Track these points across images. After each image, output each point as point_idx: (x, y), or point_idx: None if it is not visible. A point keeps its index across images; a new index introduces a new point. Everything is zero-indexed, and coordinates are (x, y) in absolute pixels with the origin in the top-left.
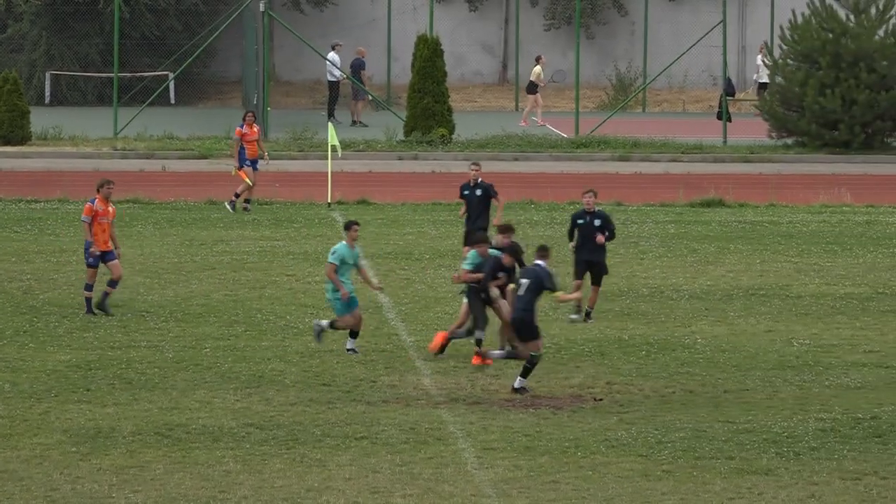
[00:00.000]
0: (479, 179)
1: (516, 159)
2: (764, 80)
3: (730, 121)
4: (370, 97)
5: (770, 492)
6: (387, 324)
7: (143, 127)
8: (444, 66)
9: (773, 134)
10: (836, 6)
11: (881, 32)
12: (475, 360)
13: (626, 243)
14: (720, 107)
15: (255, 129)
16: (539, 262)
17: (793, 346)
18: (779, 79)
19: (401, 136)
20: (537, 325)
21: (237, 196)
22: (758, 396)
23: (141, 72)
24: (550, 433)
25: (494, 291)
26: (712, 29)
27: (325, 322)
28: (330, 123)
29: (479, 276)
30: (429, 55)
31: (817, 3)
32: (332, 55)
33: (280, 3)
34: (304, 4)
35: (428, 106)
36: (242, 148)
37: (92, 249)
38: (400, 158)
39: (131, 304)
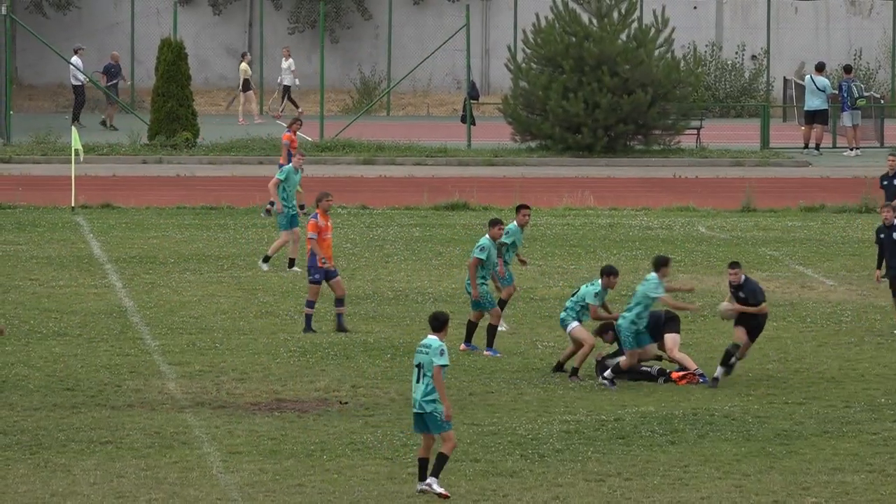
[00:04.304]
0: None
1: (261, 163)
2: (288, 83)
3: (474, 124)
4: (115, 101)
5: (515, 493)
6: (131, 328)
7: None
8: (189, 70)
9: (517, 137)
10: (579, 10)
11: (623, 36)
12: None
13: (370, 247)
14: (464, 110)
15: None
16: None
17: (537, 348)
18: (522, 83)
19: (145, 140)
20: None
21: None
22: (503, 399)
23: None
24: (296, 436)
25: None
26: (456, 33)
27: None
28: (73, 127)
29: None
30: (173, 59)
31: (560, 8)
32: (74, 59)
33: (22, 6)
34: (46, 8)
35: (172, 110)
36: None
37: (328, 265)
38: (144, 162)
39: None
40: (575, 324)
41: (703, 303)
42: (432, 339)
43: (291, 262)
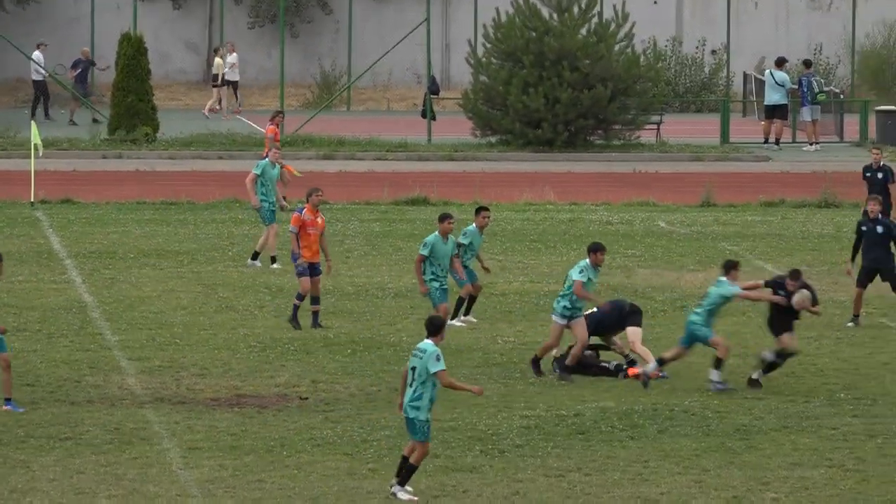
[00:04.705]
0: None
1: (221, 158)
2: (231, 78)
3: (434, 119)
4: (75, 96)
5: (475, 489)
6: (91, 323)
7: None
8: (148, 65)
9: (478, 132)
10: (539, 5)
11: (584, 31)
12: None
13: (331, 242)
14: (424, 105)
15: None
16: None
17: (497, 343)
18: (483, 78)
19: (105, 135)
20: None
21: None
22: (462, 394)
23: None
24: (256, 432)
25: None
26: (416, 27)
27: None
28: (32, 122)
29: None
30: (132, 53)
31: (521, 2)
32: (36, 54)
33: None
34: (6, 2)
35: (132, 104)
36: None
37: (300, 260)
38: (104, 157)
39: None
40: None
41: (664, 298)
42: (427, 343)
43: (256, 255)
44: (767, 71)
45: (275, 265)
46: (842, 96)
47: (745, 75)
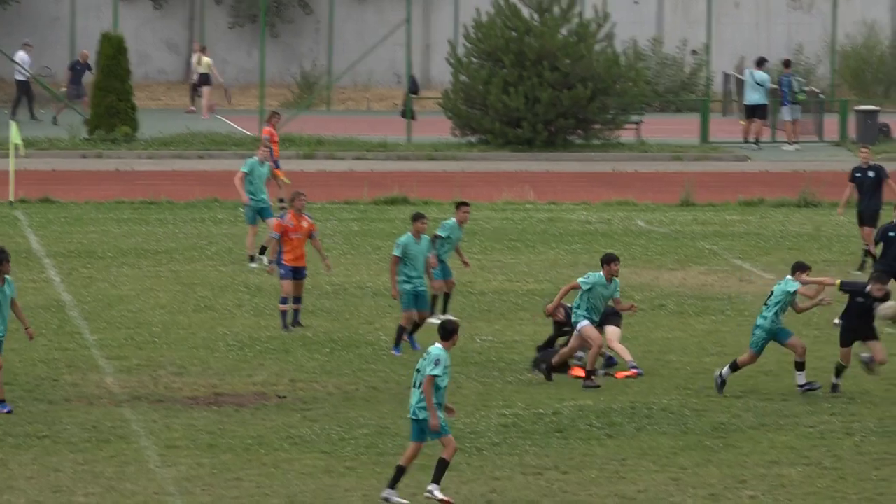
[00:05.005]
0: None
1: (201, 157)
2: (205, 72)
3: (414, 119)
4: (57, 97)
5: (453, 487)
6: (69, 322)
7: None
8: (128, 65)
9: (457, 132)
10: (519, 5)
11: (564, 31)
12: None
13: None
14: (404, 105)
15: None
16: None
17: (476, 342)
18: (463, 77)
19: (84, 135)
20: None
21: None
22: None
23: None
24: (234, 430)
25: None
26: (397, 28)
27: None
28: (13, 122)
29: None
30: (113, 53)
31: (501, 2)
32: (21, 54)
33: None
34: None
35: (112, 104)
36: None
37: (278, 266)
38: (84, 156)
39: None
40: (584, 322)
41: (642, 297)
42: (435, 346)
43: (255, 256)
44: (747, 71)
45: (253, 264)
46: (821, 96)
47: (725, 75)
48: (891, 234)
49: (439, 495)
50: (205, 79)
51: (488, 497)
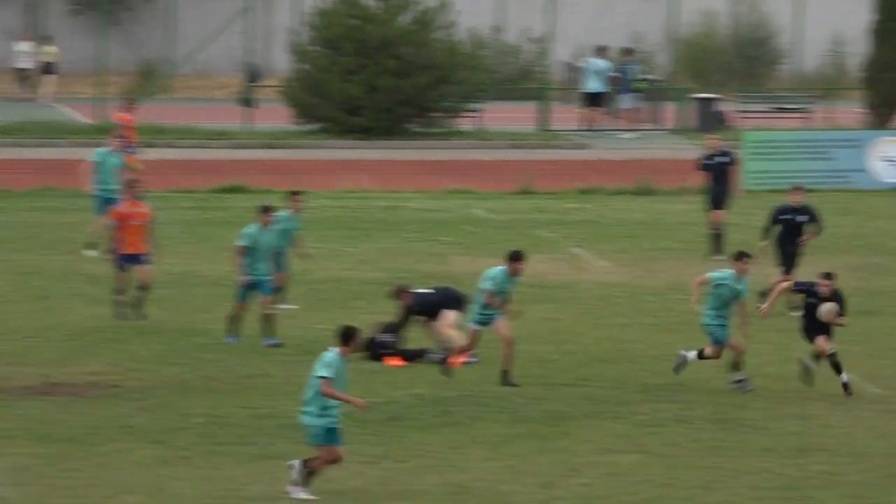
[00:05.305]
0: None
1: (40, 146)
2: (50, 60)
3: (255, 107)
4: None
5: (286, 476)
6: None
7: None
8: None
9: (298, 120)
10: None
11: (406, 19)
12: None
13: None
14: (245, 93)
15: None
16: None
17: (313, 331)
18: (304, 66)
19: None
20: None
21: None
22: (277, 382)
23: None
24: (67, 420)
25: None
26: (238, 16)
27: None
28: None
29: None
30: None
31: None
32: None
33: None
34: None
35: None
36: None
37: (114, 255)
38: None
39: None
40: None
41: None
42: (331, 351)
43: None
44: (587, 59)
45: (90, 252)
46: (661, 84)
47: (565, 63)
48: (784, 216)
49: (298, 494)
50: (50, 67)
51: (322, 486)
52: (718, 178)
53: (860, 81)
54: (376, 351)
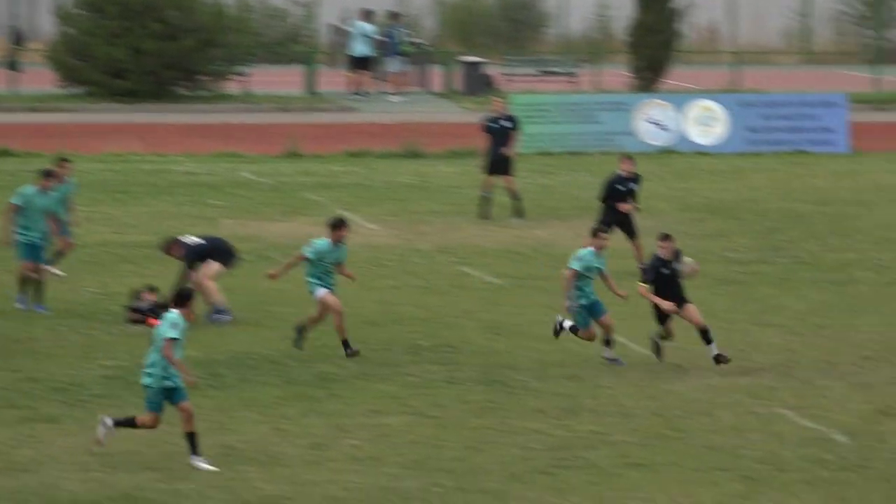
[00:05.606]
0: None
1: None
2: None
3: (20, 70)
4: None
5: (54, 439)
6: None
7: None
8: None
9: (63, 84)
10: None
11: None
12: None
13: None
14: (10, 56)
15: None
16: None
17: (81, 294)
18: (68, 29)
19: None
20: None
21: None
22: (44, 345)
23: None
24: None
25: None
26: None
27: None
28: None
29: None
30: None
31: None
32: None
33: None
34: None
35: None
36: None
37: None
38: None
39: None
40: (321, 291)
41: (248, 248)
42: (171, 311)
43: None
44: (354, 22)
45: None
46: (428, 48)
47: (332, 27)
48: (618, 186)
49: (203, 465)
50: None
51: (90, 450)
52: (500, 141)
53: (625, 45)
54: (139, 314)
